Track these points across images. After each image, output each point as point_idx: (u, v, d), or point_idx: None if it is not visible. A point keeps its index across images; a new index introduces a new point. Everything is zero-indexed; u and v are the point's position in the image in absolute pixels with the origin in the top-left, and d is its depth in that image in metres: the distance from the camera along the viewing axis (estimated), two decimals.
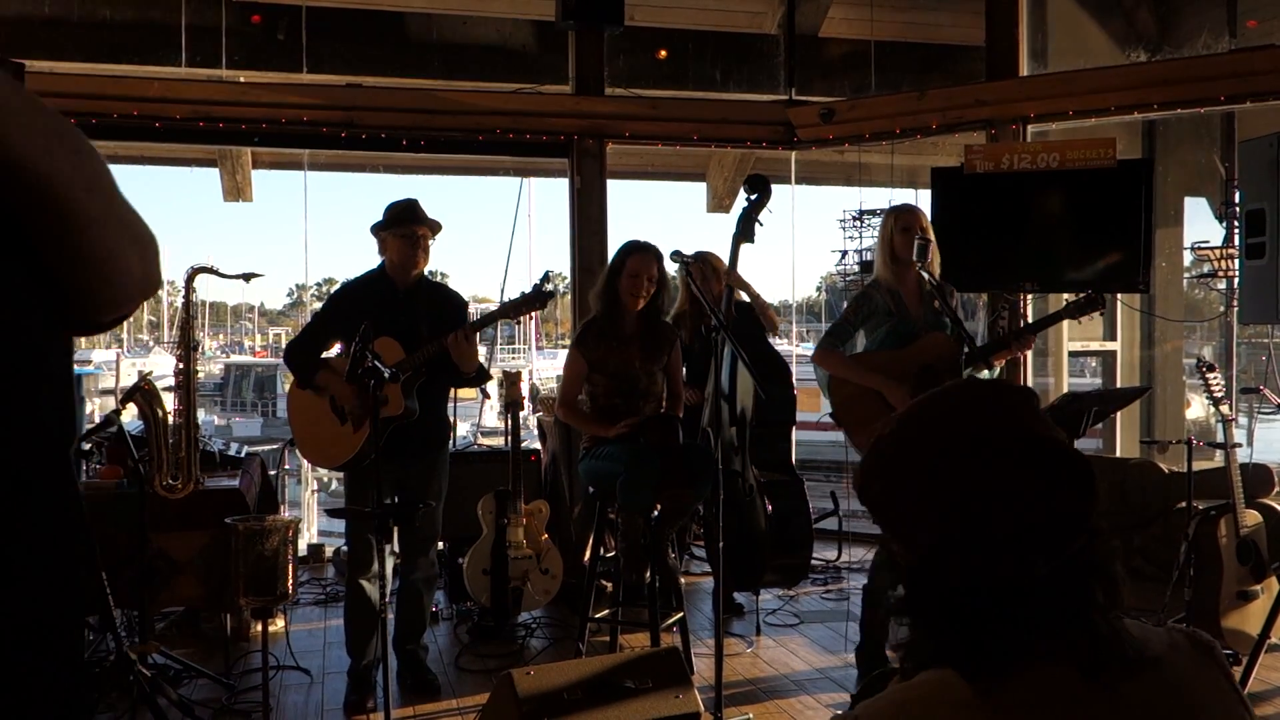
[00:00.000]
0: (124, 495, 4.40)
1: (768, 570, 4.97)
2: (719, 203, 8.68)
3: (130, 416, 4.36)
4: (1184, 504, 4.58)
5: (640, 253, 4.31)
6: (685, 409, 4.82)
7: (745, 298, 5.32)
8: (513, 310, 4.17)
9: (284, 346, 4.76)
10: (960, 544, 1.15)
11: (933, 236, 4.24)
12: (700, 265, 5.14)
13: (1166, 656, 1.18)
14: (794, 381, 5.28)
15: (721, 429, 4.76)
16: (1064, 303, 4.27)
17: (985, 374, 4.45)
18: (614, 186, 6.53)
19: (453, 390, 4.63)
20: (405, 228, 4.21)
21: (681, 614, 4.34)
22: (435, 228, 4.29)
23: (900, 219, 4.27)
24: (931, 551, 1.18)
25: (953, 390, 1.28)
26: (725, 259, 5.01)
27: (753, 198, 4.67)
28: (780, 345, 5.83)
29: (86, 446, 4.83)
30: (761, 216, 4.67)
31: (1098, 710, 1.12)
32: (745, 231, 4.70)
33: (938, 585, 1.18)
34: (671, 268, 4.66)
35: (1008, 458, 1.16)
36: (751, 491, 4.82)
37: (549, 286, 4.15)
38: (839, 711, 4.10)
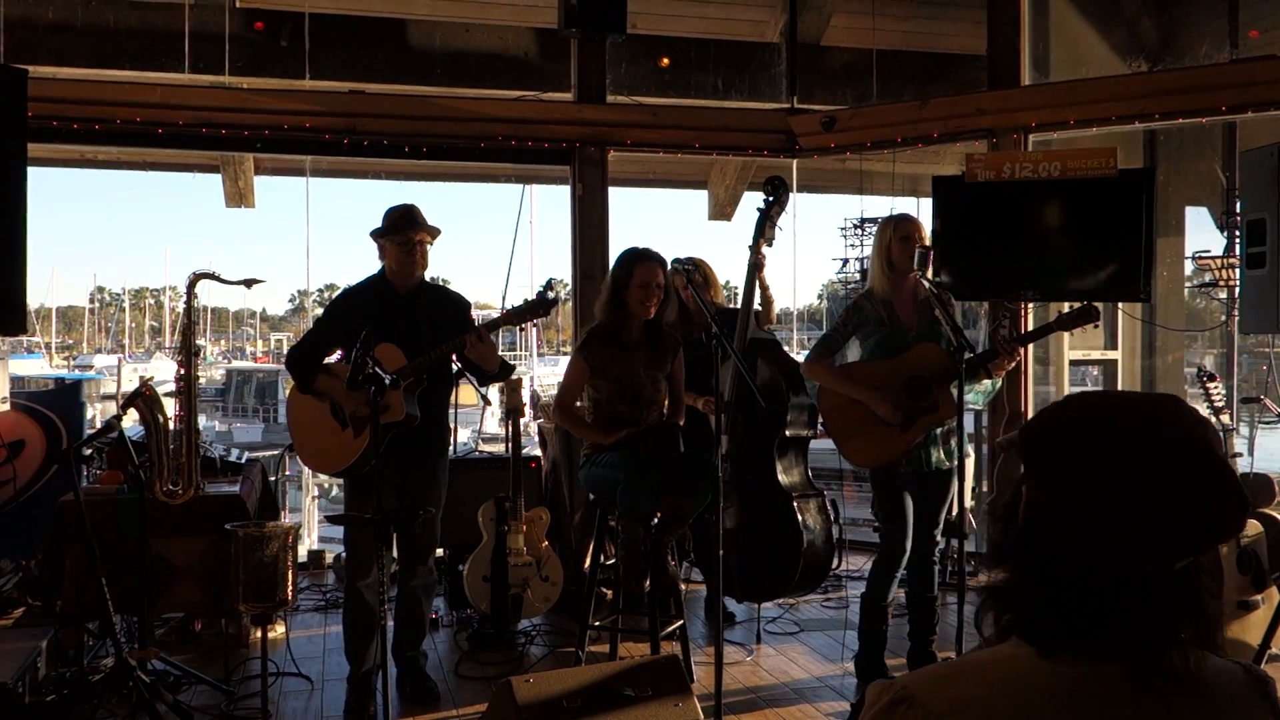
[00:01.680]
0: (124, 500, 4.40)
1: (793, 582, 4.93)
2: (720, 210, 8.68)
3: (131, 422, 4.36)
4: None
5: (646, 261, 4.29)
6: (693, 415, 4.81)
7: (756, 305, 5.31)
8: (515, 317, 4.17)
9: (285, 353, 4.77)
10: (1102, 510, 1.17)
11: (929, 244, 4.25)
12: (696, 273, 5.15)
13: (1216, 683, 1.20)
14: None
15: (736, 440, 4.76)
16: (1060, 313, 4.26)
17: (987, 384, 4.45)
18: (615, 194, 6.54)
19: (453, 396, 4.63)
20: (403, 234, 4.21)
21: (681, 622, 4.34)
22: (434, 233, 4.29)
23: (899, 228, 4.27)
24: (1069, 505, 1.20)
25: (1158, 394, 1.32)
26: (719, 269, 5.03)
27: (770, 199, 4.68)
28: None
29: (87, 452, 4.83)
30: (780, 220, 4.68)
31: (1132, 713, 1.14)
32: (765, 234, 4.71)
33: (1057, 538, 1.20)
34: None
35: (1189, 458, 1.18)
36: (785, 503, 4.78)
37: (552, 294, 4.16)
38: None
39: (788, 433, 4.85)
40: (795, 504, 4.78)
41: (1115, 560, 1.17)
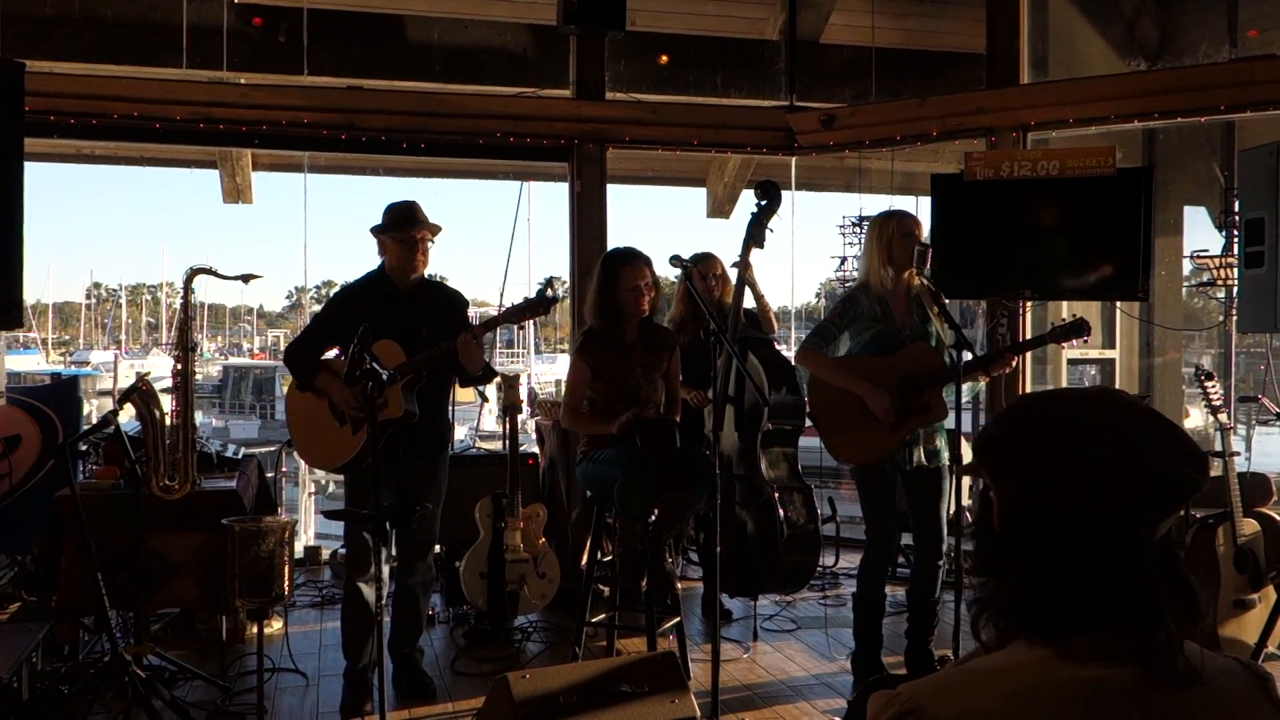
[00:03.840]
0: (120, 496, 4.39)
1: (774, 577, 4.97)
2: (719, 208, 8.67)
3: (128, 417, 4.35)
4: (1182, 512, 4.58)
5: (630, 263, 4.27)
6: (689, 411, 4.81)
7: (752, 303, 5.32)
8: (516, 315, 4.16)
9: (284, 348, 4.75)
10: (1076, 487, 1.19)
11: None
12: (700, 268, 5.15)
13: (1217, 679, 1.20)
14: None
15: (724, 434, 4.77)
16: (1053, 324, 4.25)
17: (967, 385, 4.45)
18: (614, 191, 6.53)
19: (451, 393, 4.63)
20: (404, 231, 4.21)
21: (678, 619, 4.33)
22: (435, 230, 4.28)
23: (902, 224, 4.24)
24: (1042, 495, 1.21)
25: (1094, 386, 1.36)
26: (728, 263, 5.03)
27: (763, 203, 4.68)
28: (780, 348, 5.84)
29: (83, 447, 4.83)
30: (771, 224, 4.68)
31: (1142, 716, 1.14)
32: (755, 237, 4.71)
33: (1036, 535, 1.22)
34: (671, 272, 4.66)
35: (1144, 424, 1.22)
36: (764, 495, 4.81)
37: (551, 292, 4.15)
38: (836, 718, 4.10)
39: (770, 426, 4.86)
40: (777, 498, 4.80)
41: (1099, 536, 1.19)
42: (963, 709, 1.15)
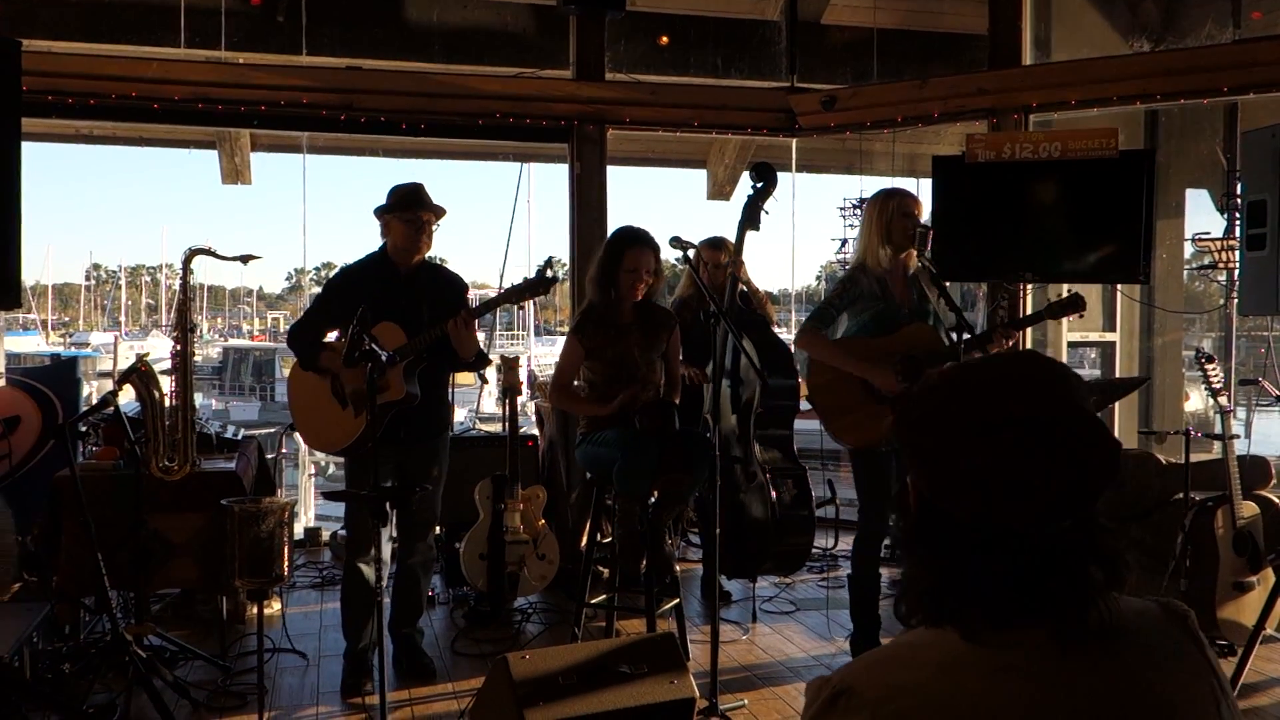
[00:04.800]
0: (120, 476, 4.40)
1: (768, 558, 4.99)
2: (719, 190, 8.64)
3: (127, 398, 4.35)
4: (1181, 495, 4.58)
5: (638, 246, 4.25)
6: (688, 388, 4.81)
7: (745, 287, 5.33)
8: (515, 296, 4.16)
9: (286, 329, 4.75)
10: (985, 491, 1.17)
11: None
12: (710, 251, 5.15)
13: (1138, 628, 1.20)
14: (798, 370, 5.28)
15: (721, 416, 4.77)
16: (1049, 301, 4.25)
17: None
18: (614, 172, 6.52)
19: (451, 375, 4.62)
20: (410, 212, 4.20)
21: (677, 600, 4.34)
22: (439, 212, 4.28)
23: (902, 203, 4.22)
24: (951, 486, 1.20)
25: (1017, 354, 1.31)
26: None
27: (759, 185, 4.66)
28: (779, 333, 5.85)
29: (83, 428, 4.83)
30: (767, 205, 4.67)
31: (1068, 680, 1.13)
32: (751, 219, 4.69)
33: (949, 520, 1.21)
34: (672, 254, 4.65)
35: (1060, 421, 1.18)
36: (757, 477, 4.83)
37: (551, 272, 4.13)
38: None
39: (763, 409, 4.87)
40: (769, 479, 4.80)
41: (1008, 533, 1.17)
42: (887, 683, 1.16)
